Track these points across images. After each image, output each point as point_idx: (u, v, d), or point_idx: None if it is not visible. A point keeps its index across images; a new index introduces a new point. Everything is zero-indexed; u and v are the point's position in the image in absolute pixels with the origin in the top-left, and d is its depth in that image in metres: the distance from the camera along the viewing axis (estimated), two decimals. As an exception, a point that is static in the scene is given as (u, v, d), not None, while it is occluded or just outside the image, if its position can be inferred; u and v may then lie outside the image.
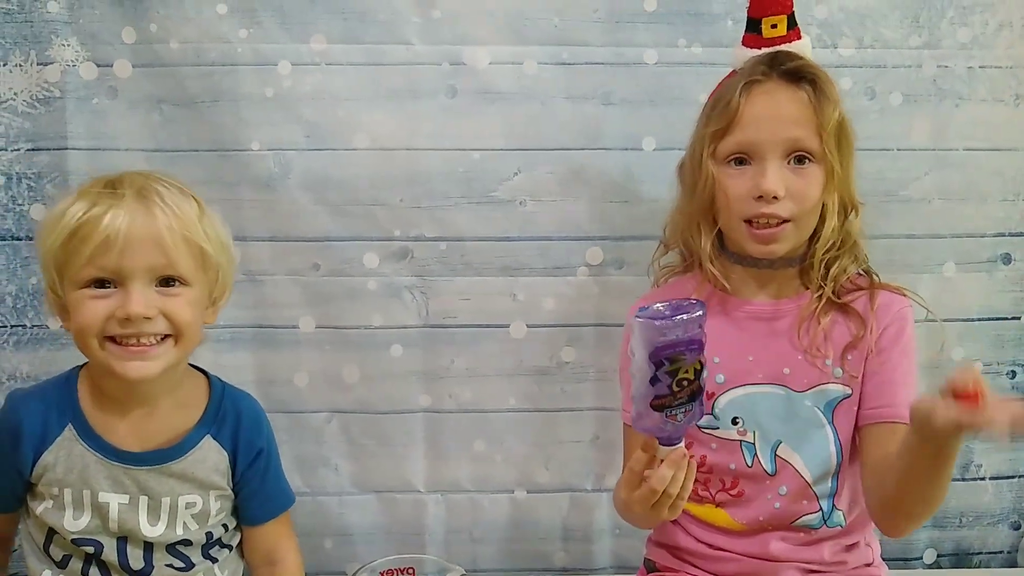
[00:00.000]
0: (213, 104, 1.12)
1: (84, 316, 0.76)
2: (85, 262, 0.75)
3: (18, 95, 1.12)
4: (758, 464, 0.93)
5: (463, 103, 1.13)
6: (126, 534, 0.80)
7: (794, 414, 0.92)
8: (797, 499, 0.93)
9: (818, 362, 0.92)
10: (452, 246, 1.16)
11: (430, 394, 1.19)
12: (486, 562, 1.21)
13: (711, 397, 0.94)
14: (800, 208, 0.89)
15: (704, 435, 0.95)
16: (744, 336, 0.94)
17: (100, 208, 0.75)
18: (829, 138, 0.89)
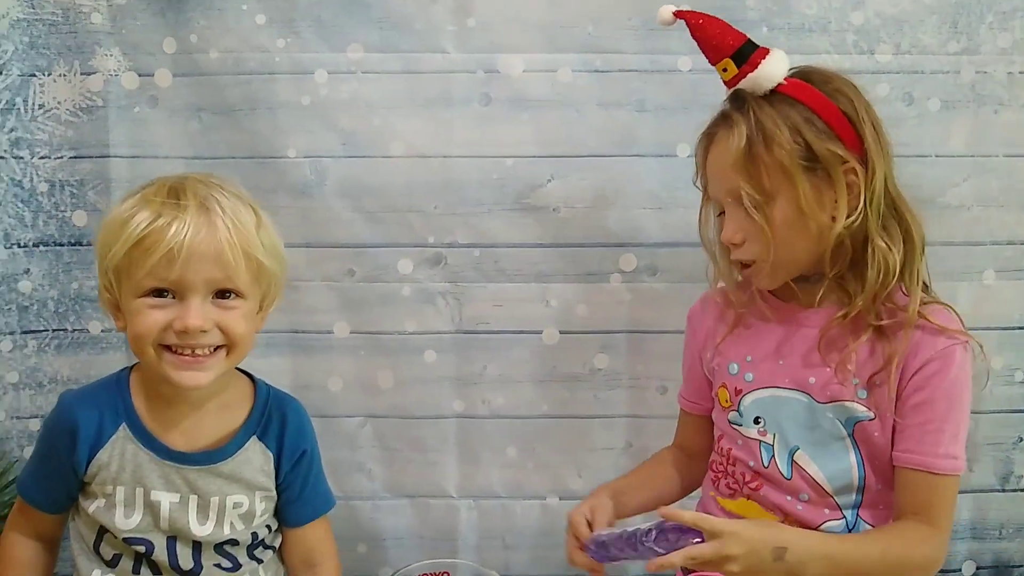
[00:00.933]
0: (251, 112, 1.14)
1: (142, 325, 0.77)
2: (146, 273, 0.76)
3: (61, 104, 1.15)
4: (774, 466, 0.93)
5: (497, 110, 1.14)
6: (176, 533, 0.80)
7: (815, 423, 0.91)
8: (819, 506, 0.92)
9: (844, 379, 0.89)
10: (485, 252, 1.17)
11: (463, 399, 1.20)
12: (518, 568, 1.21)
13: (739, 394, 0.95)
14: (762, 249, 0.87)
15: (732, 430, 0.96)
16: (777, 338, 0.94)
17: (164, 220, 0.75)
18: (751, 174, 0.86)
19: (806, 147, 0.85)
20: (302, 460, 0.87)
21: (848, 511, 0.92)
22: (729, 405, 0.96)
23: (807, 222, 0.86)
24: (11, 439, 1.18)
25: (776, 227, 0.86)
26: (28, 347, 1.18)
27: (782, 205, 0.86)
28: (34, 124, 1.15)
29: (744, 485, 0.95)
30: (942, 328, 0.88)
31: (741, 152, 0.86)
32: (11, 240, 1.16)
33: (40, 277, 1.17)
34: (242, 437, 0.84)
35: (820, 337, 0.90)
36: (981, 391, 0.94)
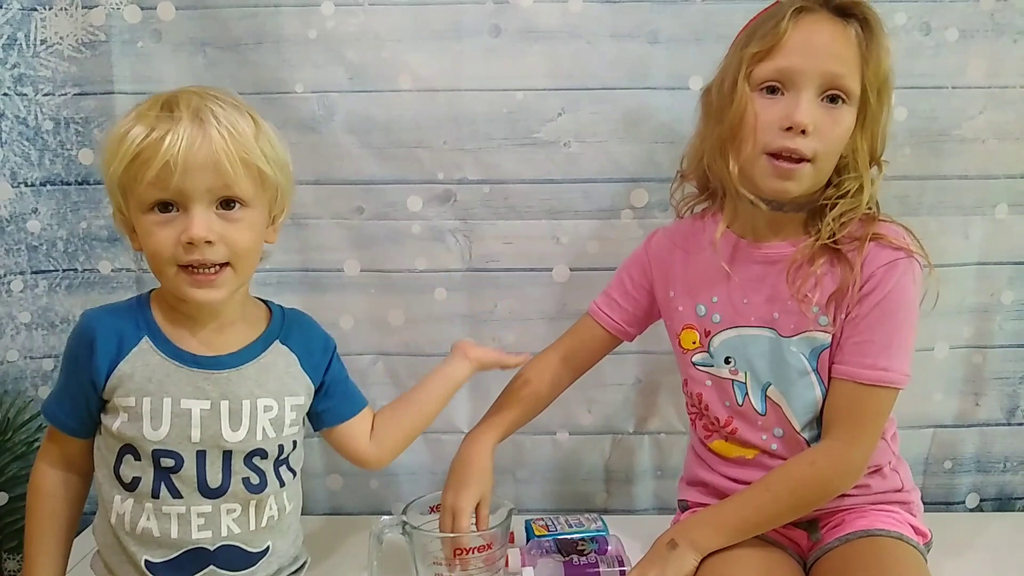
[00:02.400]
0: (257, 46, 1.12)
1: (154, 244, 0.78)
2: (147, 185, 0.76)
3: (64, 39, 1.13)
4: (748, 404, 0.94)
5: (507, 42, 1.12)
6: (207, 443, 0.80)
7: (781, 358, 0.92)
8: (791, 441, 0.93)
9: (805, 308, 0.89)
10: (495, 189, 1.16)
11: (474, 337, 1.19)
12: (529, 502, 1.23)
13: (708, 335, 0.95)
14: (824, 148, 0.86)
15: (699, 372, 0.97)
16: (742, 278, 0.93)
17: (158, 132, 0.75)
18: (872, 84, 0.86)
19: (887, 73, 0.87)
20: (333, 356, 0.91)
21: (815, 443, 0.93)
22: (696, 347, 0.96)
23: (857, 135, 0.87)
24: (25, 379, 1.19)
25: (843, 131, 0.87)
26: (39, 287, 1.18)
27: (861, 109, 0.87)
28: (37, 60, 1.13)
29: (720, 428, 0.97)
30: (889, 243, 0.89)
31: (855, 46, 0.86)
32: (18, 179, 1.15)
33: (48, 217, 1.17)
34: (266, 339, 0.86)
35: (789, 266, 0.90)
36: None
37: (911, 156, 1.13)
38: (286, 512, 0.87)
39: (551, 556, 0.99)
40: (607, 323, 1.04)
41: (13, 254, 1.16)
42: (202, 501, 0.81)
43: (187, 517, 0.81)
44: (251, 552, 0.84)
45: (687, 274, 0.98)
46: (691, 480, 1.03)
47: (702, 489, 1.01)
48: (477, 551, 0.90)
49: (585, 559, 0.98)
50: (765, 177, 0.87)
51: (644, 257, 1.03)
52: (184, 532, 0.81)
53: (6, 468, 1.17)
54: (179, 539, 0.81)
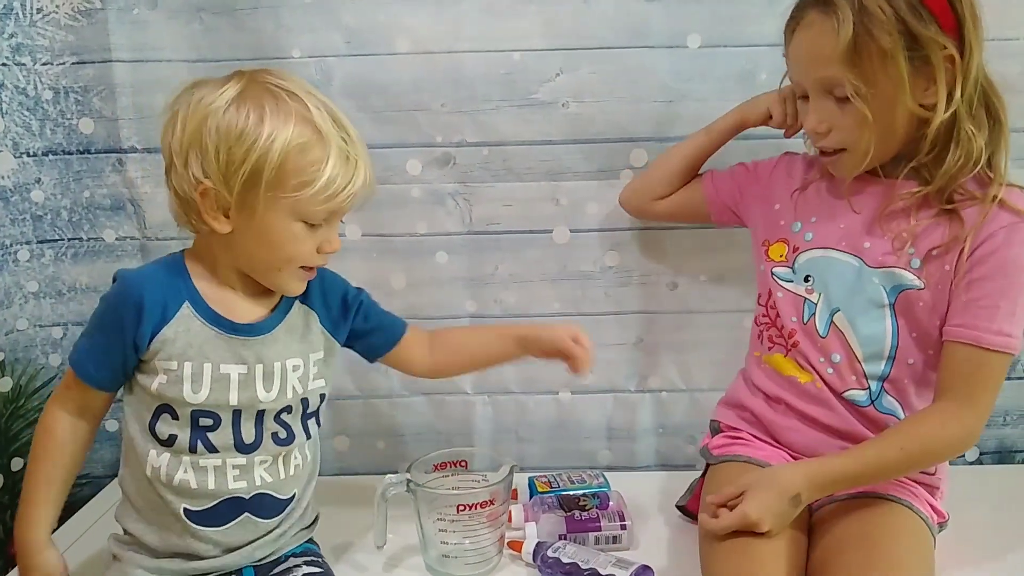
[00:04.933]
0: (253, 11, 1.12)
1: (296, 250, 0.83)
2: (317, 202, 0.80)
3: (60, 8, 1.13)
4: (812, 324, 0.96)
5: (503, 3, 1.11)
6: (242, 404, 0.84)
7: (860, 287, 0.93)
8: (848, 370, 0.94)
9: (898, 246, 0.90)
10: (494, 151, 1.16)
11: (475, 300, 1.21)
12: (532, 460, 1.25)
13: (796, 251, 0.97)
14: (849, 136, 0.88)
15: (775, 283, 0.99)
16: (842, 203, 0.95)
17: (346, 173, 0.81)
18: (855, 63, 0.83)
19: (907, 33, 0.83)
20: (358, 305, 0.94)
21: (873, 382, 0.94)
22: (782, 260, 0.98)
23: (901, 111, 0.86)
24: (35, 347, 1.21)
25: (869, 117, 0.85)
26: (45, 256, 1.20)
27: (878, 94, 0.85)
28: (34, 29, 1.13)
29: (787, 339, 0.98)
30: (1012, 206, 0.87)
31: (845, 41, 0.83)
32: (20, 149, 1.16)
33: (52, 186, 1.18)
34: (287, 303, 0.88)
35: (885, 205, 0.91)
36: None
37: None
38: (308, 460, 0.91)
39: (553, 511, 1.01)
40: (706, 183, 1.08)
41: (18, 224, 1.17)
42: (236, 455, 0.85)
43: (223, 469, 0.84)
44: (281, 499, 0.88)
45: (796, 194, 0.99)
46: (731, 402, 1.05)
47: (739, 412, 1.03)
48: (480, 507, 0.92)
49: (587, 514, 1.00)
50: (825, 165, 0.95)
51: (775, 163, 1.05)
52: (221, 483, 0.84)
53: (20, 434, 1.19)
54: (216, 489, 0.84)
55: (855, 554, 0.83)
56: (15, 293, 1.18)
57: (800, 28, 0.88)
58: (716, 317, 1.20)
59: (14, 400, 1.19)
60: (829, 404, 0.95)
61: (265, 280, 0.85)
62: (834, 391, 0.95)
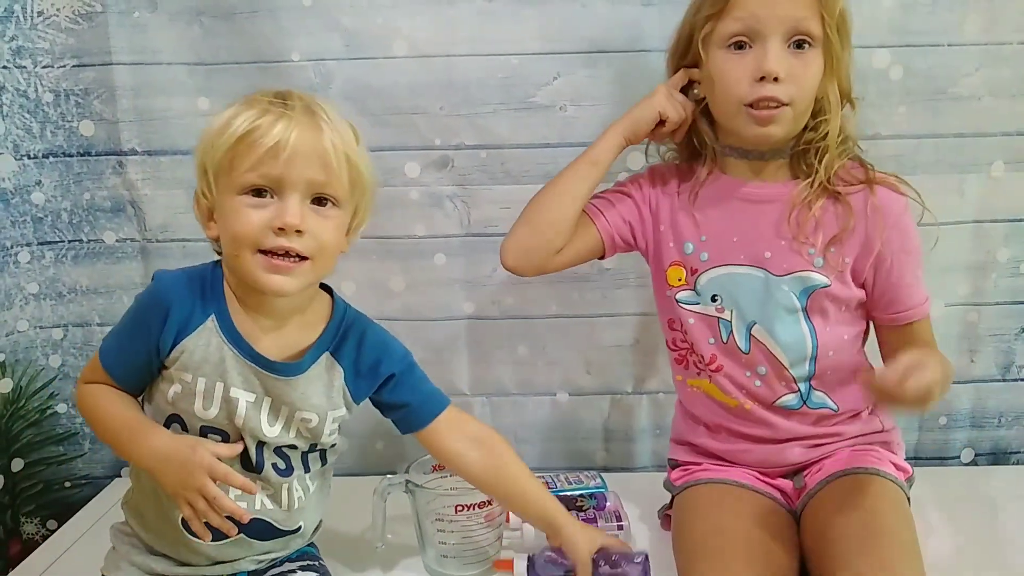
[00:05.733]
0: (252, 15, 1.12)
1: (240, 224, 0.76)
2: (249, 168, 0.75)
3: (60, 11, 1.14)
4: (732, 341, 0.96)
5: (501, 7, 1.12)
6: (246, 431, 0.82)
7: (770, 297, 0.94)
8: (775, 380, 0.96)
9: (801, 249, 0.93)
10: (492, 154, 1.17)
11: (473, 301, 1.22)
12: (530, 460, 1.19)
13: (695, 273, 0.97)
14: (799, 92, 0.89)
15: (683, 310, 0.98)
16: (732, 217, 0.95)
17: (271, 116, 0.76)
18: (832, 24, 0.88)
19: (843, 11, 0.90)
20: (383, 369, 0.88)
21: (802, 384, 0.96)
22: (682, 284, 0.98)
23: (832, 74, 0.90)
24: (36, 348, 1.22)
25: (815, 73, 0.89)
26: (46, 258, 1.20)
27: (825, 51, 0.89)
28: (34, 32, 1.14)
29: (707, 365, 0.98)
30: (892, 185, 0.94)
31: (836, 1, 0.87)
32: (21, 152, 1.17)
33: (52, 188, 1.19)
34: (317, 350, 0.84)
35: (790, 209, 0.93)
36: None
37: (906, 114, 1.13)
38: (310, 492, 0.89)
39: None
40: (600, 222, 0.99)
41: (19, 226, 1.18)
42: (241, 472, 0.82)
43: (225, 489, 0.80)
44: (282, 529, 0.87)
45: (676, 212, 0.98)
46: (679, 439, 1.05)
47: (690, 448, 1.03)
48: (478, 507, 0.93)
49: (584, 515, 1.01)
50: (747, 126, 0.91)
51: (649, 181, 1.01)
52: None
53: (20, 434, 1.20)
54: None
55: (850, 543, 0.84)
56: (16, 295, 1.19)
57: None
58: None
59: (14, 401, 1.19)
60: (764, 420, 0.97)
61: (245, 279, 0.80)
62: (764, 403, 0.96)
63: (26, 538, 1.22)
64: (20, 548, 1.20)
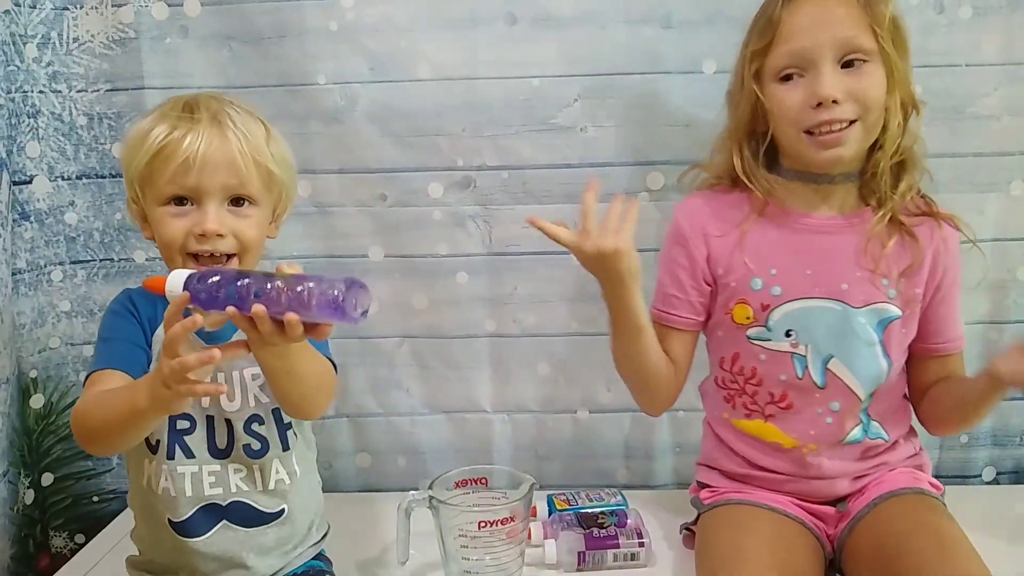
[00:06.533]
0: (280, 40, 1.15)
1: (166, 233, 0.83)
2: (167, 181, 0.82)
3: (95, 37, 1.17)
4: (808, 377, 0.95)
5: (522, 30, 1.14)
6: (212, 410, 0.86)
7: (849, 330, 0.93)
8: (848, 415, 0.95)
9: (877, 280, 0.93)
10: (514, 174, 1.18)
11: (495, 319, 1.23)
12: (551, 478, 1.26)
13: (766, 309, 0.95)
14: (864, 107, 0.88)
15: (754, 346, 0.96)
16: (802, 249, 0.95)
17: (180, 132, 0.81)
18: (885, 35, 0.88)
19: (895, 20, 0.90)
20: None
21: (863, 415, 0.96)
22: (751, 321, 0.96)
23: (897, 91, 0.90)
24: (67, 364, 1.24)
25: (877, 87, 0.89)
26: (78, 276, 1.23)
27: (879, 68, 0.89)
28: (70, 58, 1.17)
29: (769, 404, 0.97)
30: (950, 220, 0.96)
31: (858, 6, 0.88)
32: (55, 173, 1.20)
33: (85, 209, 1.21)
34: None
35: (865, 240, 0.93)
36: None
37: (926, 134, 1.12)
38: (297, 477, 0.90)
39: (572, 529, 1.02)
40: (682, 324, 0.99)
41: (52, 245, 1.21)
42: (211, 461, 0.86)
43: (199, 476, 0.86)
44: (262, 511, 0.88)
45: (732, 249, 0.96)
46: (711, 463, 1.04)
47: (723, 473, 1.02)
48: (500, 524, 0.93)
49: (605, 531, 1.01)
50: (813, 153, 0.91)
51: (685, 240, 0.99)
52: (197, 489, 0.86)
53: (51, 449, 1.22)
54: (193, 496, 0.86)
55: (926, 556, 0.84)
56: (48, 312, 1.22)
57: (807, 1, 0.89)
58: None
59: (46, 416, 1.22)
60: (820, 463, 0.96)
61: None
62: (832, 441, 0.95)
63: (55, 551, 1.24)
64: (49, 562, 1.22)
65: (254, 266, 0.89)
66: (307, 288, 0.68)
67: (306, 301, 0.68)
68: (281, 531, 0.90)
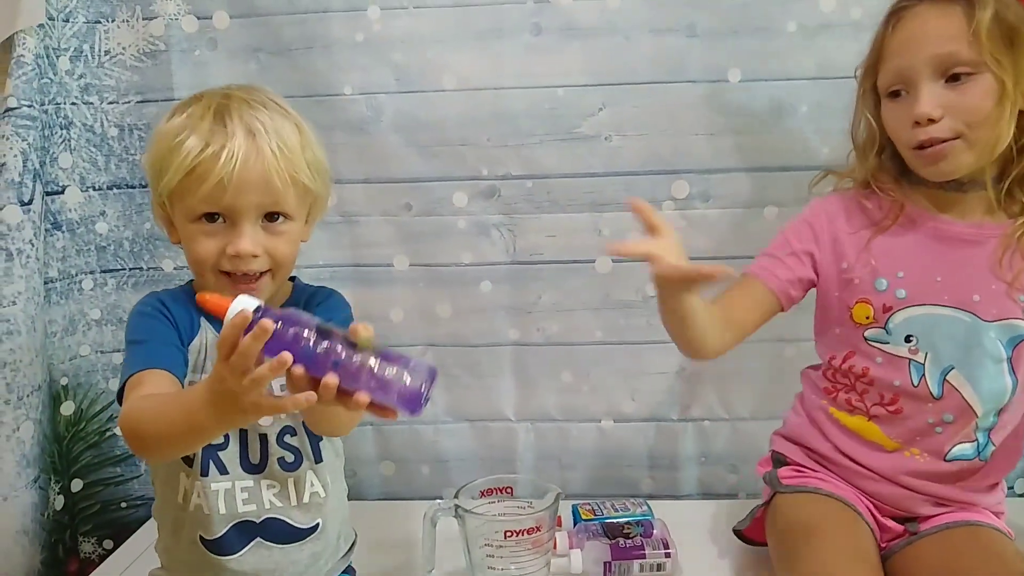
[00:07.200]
0: (307, 51, 1.16)
1: (198, 251, 0.82)
2: (200, 200, 0.80)
3: (126, 49, 1.19)
4: (924, 385, 0.92)
5: (547, 40, 1.15)
6: (246, 427, 0.85)
7: (976, 343, 0.90)
8: (958, 429, 0.92)
9: (1014, 295, 0.88)
10: (538, 184, 1.19)
11: (518, 328, 1.23)
12: (574, 487, 1.26)
13: (887, 311, 0.92)
14: (967, 123, 0.85)
15: (870, 348, 0.94)
16: (934, 255, 0.91)
17: (213, 148, 0.79)
18: (986, 42, 0.83)
19: (998, 20, 0.84)
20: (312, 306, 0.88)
21: (981, 433, 0.92)
22: (870, 322, 0.93)
23: (1014, 102, 0.85)
24: (96, 372, 1.26)
25: (984, 100, 0.85)
26: (108, 285, 1.25)
27: (989, 79, 0.84)
28: (101, 70, 1.19)
29: (876, 405, 0.94)
30: None
31: (963, 17, 0.84)
32: (87, 184, 1.21)
33: (115, 218, 1.23)
34: None
35: (1003, 251, 0.88)
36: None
37: None
38: (330, 488, 0.89)
39: (598, 539, 1.02)
40: (773, 283, 0.95)
41: (83, 254, 1.23)
42: (245, 476, 0.85)
43: (232, 492, 0.84)
44: (298, 527, 0.87)
45: (861, 247, 0.94)
46: (794, 438, 1.02)
47: (806, 451, 1.00)
48: (526, 533, 0.93)
49: (631, 542, 1.01)
50: (922, 168, 0.90)
51: (812, 221, 0.97)
52: (231, 507, 0.85)
53: (80, 456, 1.24)
54: (227, 514, 0.85)
55: None
56: (79, 320, 1.23)
57: (913, 14, 0.88)
58: (757, 346, 1.19)
59: (75, 423, 1.23)
60: (921, 471, 0.93)
61: None
62: (936, 452, 0.92)
63: (83, 557, 1.25)
64: (78, 567, 1.24)
65: (286, 277, 0.87)
66: (394, 375, 0.65)
67: (387, 386, 0.65)
68: (315, 546, 0.89)
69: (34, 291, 1.13)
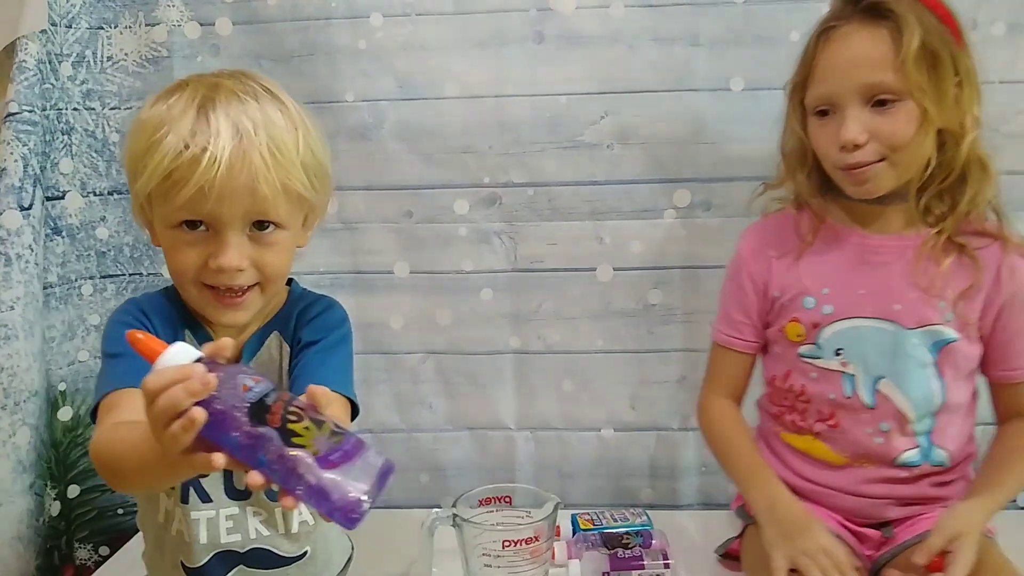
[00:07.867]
0: (309, 58, 1.16)
1: (178, 263, 0.74)
2: (178, 206, 0.71)
3: (128, 55, 1.19)
4: (857, 397, 0.93)
5: (550, 49, 1.15)
6: None
7: (900, 351, 0.91)
8: (898, 435, 0.93)
9: (932, 302, 0.90)
10: (540, 191, 1.19)
11: (519, 336, 1.23)
12: (574, 497, 1.25)
13: (816, 327, 0.94)
14: (890, 147, 0.87)
15: (804, 364, 0.96)
16: (856, 268, 0.93)
17: (194, 150, 0.69)
18: (910, 71, 0.84)
19: (950, 54, 0.86)
20: (314, 345, 0.80)
21: (921, 437, 0.93)
22: (802, 339, 0.95)
23: (935, 125, 0.86)
24: (95, 377, 1.24)
25: (906, 126, 0.86)
26: (108, 290, 1.24)
27: (918, 104, 0.85)
28: (103, 76, 1.19)
29: (818, 422, 0.96)
30: (1018, 246, 0.92)
31: (890, 43, 0.85)
32: (87, 189, 1.21)
33: (115, 224, 1.23)
34: (264, 332, 0.81)
35: (917, 260, 0.90)
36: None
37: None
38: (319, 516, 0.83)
39: (597, 549, 1.01)
40: (743, 347, 1.01)
41: (83, 260, 1.23)
42: (229, 503, 0.80)
43: (215, 521, 0.80)
44: (284, 556, 0.83)
45: (789, 269, 0.96)
46: None
47: None
48: (525, 543, 0.92)
49: (630, 552, 1.00)
50: (847, 187, 0.91)
51: (743, 265, 1.00)
52: (213, 536, 0.80)
53: (77, 462, 1.23)
54: (208, 543, 0.80)
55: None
56: (78, 326, 1.23)
57: (839, 38, 0.88)
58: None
59: (73, 429, 1.23)
60: (878, 478, 0.94)
61: (196, 309, 0.76)
62: (883, 461, 0.94)
63: (79, 563, 1.24)
64: (73, 573, 1.23)
65: (277, 291, 0.80)
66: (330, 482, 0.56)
67: (321, 494, 0.56)
68: (303, 571, 0.86)
69: (32, 296, 1.13)
